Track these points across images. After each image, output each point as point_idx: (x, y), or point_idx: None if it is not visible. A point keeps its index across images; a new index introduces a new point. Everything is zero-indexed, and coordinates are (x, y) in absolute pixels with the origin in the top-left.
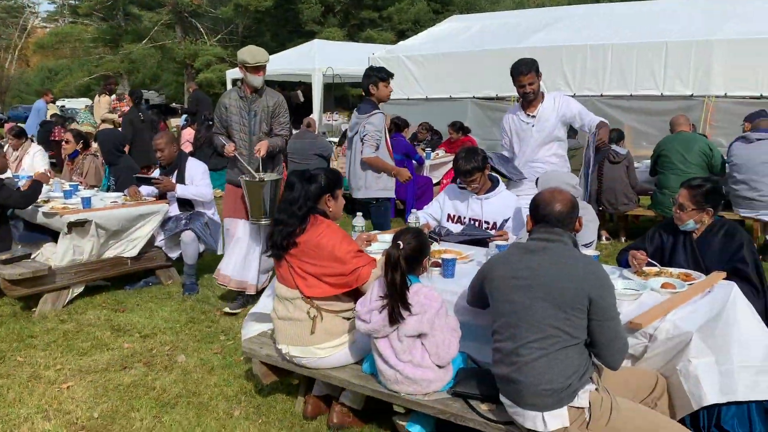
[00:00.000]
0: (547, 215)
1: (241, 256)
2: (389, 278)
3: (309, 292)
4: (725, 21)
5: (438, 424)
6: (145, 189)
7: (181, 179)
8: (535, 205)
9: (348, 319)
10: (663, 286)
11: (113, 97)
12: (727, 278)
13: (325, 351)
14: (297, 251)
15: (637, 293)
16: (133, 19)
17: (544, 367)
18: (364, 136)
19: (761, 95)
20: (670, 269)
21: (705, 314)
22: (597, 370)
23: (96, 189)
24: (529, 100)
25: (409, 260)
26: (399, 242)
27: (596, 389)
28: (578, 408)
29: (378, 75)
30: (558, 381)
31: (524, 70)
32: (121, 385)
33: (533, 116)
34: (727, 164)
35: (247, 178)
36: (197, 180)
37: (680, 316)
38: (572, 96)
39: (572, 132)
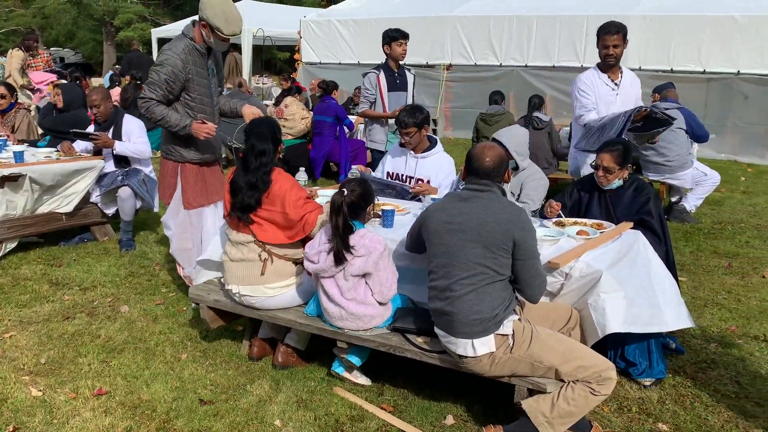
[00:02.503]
0: (478, 168)
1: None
2: (333, 222)
3: (262, 237)
4: None
5: (372, 355)
6: (79, 145)
7: (117, 135)
8: (468, 158)
9: (296, 263)
10: (578, 233)
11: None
12: (634, 228)
13: (274, 290)
14: None
15: (555, 239)
16: None
17: (473, 300)
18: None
19: (672, 69)
20: (585, 220)
21: (614, 256)
22: (519, 303)
23: (26, 144)
24: (609, 64)
25: (352, 206)
26: (344, 189)
27: (519, 319)
28: (503, 335)
29: (388, 35)
30: (486, 312)
31: (613, 30)
32: (66, 333)
33: (617, 84)
34: None
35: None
36: (134, 137)
37: (592, 257)
38: (499, 66)
39: (499, 96)
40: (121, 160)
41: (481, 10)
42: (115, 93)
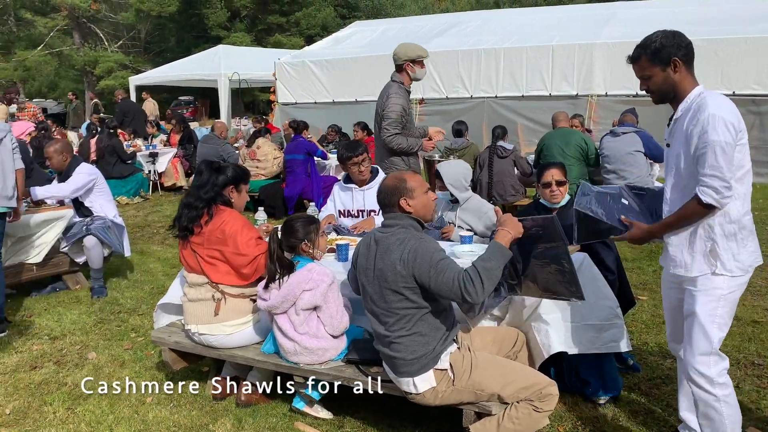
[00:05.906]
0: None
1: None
2: (271, 248)
3: (215, 278)
4: (605, 26)
5: (333, 388)
6: (48, 195)
7: None
8: None
9: (253, 300)
10: None
11: (14, 107)
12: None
13: (232, 328)
14: (203, 240)
15: None
16: (26, 24)
17: (407, 341)
18: None
19: (636, 93)
20: None
21: None
22: (464, 328)
23: None
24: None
25: (280, 244)
26: (277, 228)
27: (458, 348)
28: (442, 370)
29: None
30: (422, 350)
31: (629, 60)
32: (32, 383)
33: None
34: (599, 156)
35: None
36: (70, 179)
37: None
38: (469, 98)
39: (462, 126)
40: (81, 208)
41: (449, 45)
42: (97, 142)
